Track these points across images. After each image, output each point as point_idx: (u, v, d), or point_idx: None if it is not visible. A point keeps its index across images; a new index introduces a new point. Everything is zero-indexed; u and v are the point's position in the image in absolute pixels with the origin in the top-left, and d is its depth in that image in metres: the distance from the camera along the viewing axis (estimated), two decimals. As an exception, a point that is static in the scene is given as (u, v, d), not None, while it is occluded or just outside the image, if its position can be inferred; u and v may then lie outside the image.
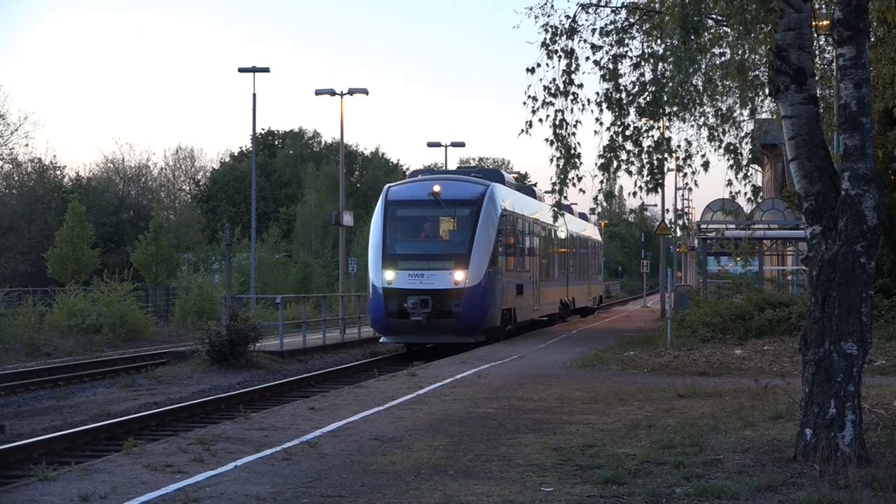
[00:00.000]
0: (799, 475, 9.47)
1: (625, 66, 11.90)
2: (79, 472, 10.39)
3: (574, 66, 11.88)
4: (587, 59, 11.93)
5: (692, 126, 12.14)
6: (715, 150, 12.08)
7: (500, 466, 10.41)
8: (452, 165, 60.08)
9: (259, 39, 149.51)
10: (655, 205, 63.56)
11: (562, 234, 40.94)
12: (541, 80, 11.90)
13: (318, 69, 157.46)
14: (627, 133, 11.95)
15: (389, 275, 28.20)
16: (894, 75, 15.31)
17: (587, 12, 12.09)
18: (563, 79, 11.86)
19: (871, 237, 9.90)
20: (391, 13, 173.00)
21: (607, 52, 11.95)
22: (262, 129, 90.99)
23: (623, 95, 11.81)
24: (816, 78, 11.67)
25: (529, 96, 11.96)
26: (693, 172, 12.25)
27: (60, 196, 61.04)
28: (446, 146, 52.04)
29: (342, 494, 9.22)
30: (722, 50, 11.63)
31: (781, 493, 8.87)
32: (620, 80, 11.85)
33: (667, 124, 12.15)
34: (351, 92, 38.79)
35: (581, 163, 12.17)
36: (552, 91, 11.88)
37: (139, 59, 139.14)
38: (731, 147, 11.97)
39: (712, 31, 11.41)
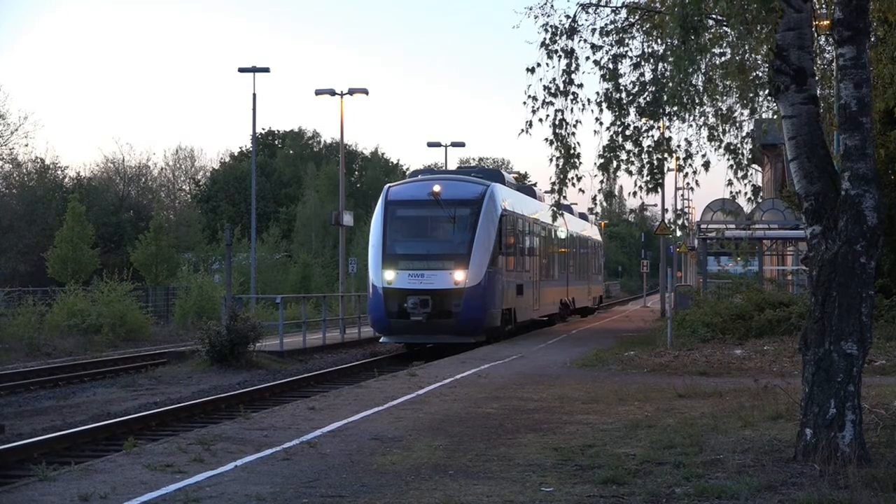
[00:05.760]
0: (799, 475, 9.47)
1: (625, 66, 11.91)
2: (79, 472, 10.39)
3: (574, 65, 11.87)
4: (587, 58, 11.94)
5: (692, 126, 12.15)
6: (715, 150, 12.09)
7: (500, 466, 10.41)
8: (452, 165, 60.07)
9: (259, 38, 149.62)
10: (655, 205, 63.64)
11: (562, 234, 40.94)
12: (541, 79, 11.91)
13: (318, 68, 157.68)
14: (627, 133, 11.95)
15: (389, 275, 28.20)
16: (894, 75, 15.31)
17: (587, 12, 12.09)
18: (563, 79, 11.86)
19: (871, 237, 9.90)
20: (391, 12, 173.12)
21: (607, 52, 11.96)
22: (262, 129, 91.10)
23: (623, 95, 11.80)
24: (816, 78, 11.67)
25: (529, 96, 11.97)
26: (693, 172, 12.25)
27: (60, 196, 61.02)
28: (446, 146, 52.04)
29: (342, 494, 9.22)
30: (722, 50, 11.63)
31: (781, 493, 8.87)
32: (620, 80, 11.84)
33: (667, 124, 12.15)
34: (351, 92, 38.79)
35: (581, 163, 12.19)
36: (552, 91, 11.88)
37: (139, 59, 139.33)
38: (732, 147, 11.98)
39: (712, 31, 11.41)
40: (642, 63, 11.81)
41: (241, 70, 38.36)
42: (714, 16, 11.15)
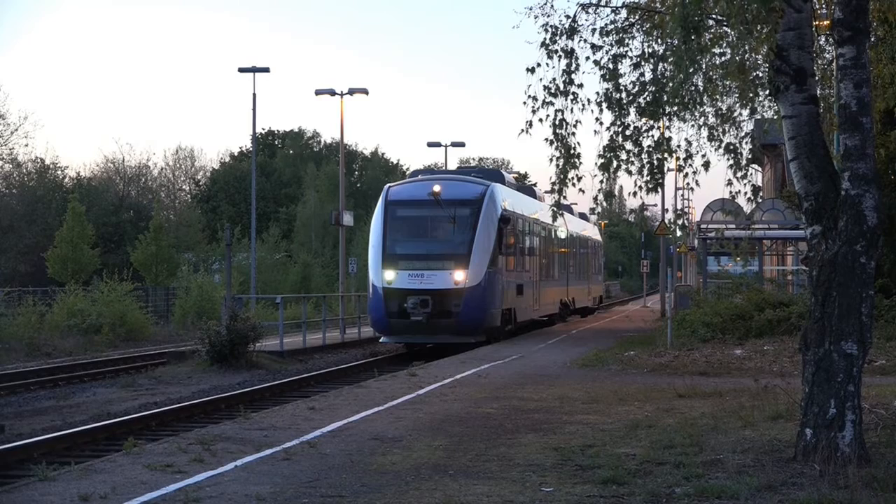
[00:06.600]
0: (799, 475, 9.47)
1: (625, 66, 11.93)
2: (79, 472, 10.39)
3: (574, 65, 11.88)
4: (587, 59, 11.95)
5: (692, 126, 12.17)
6: (715, 150, 12.09)
7: (500, 466, 10.41)
8: (452, 165, 60.08)
9: (259, 38, 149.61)
10: (655, 205, 63.57)
11: (562, 234, 40.94)
12: (541, 79, 11.92)
13: (318, 68, 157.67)
14: (627, 133, 11.96)
15: (389, 275, 28.21)
16: (894, 75, 15.30)
17: (587, 12, 12.10)
18: (563, 79, 11.87)
19: (871, 237, 9.90)
20: (391, 12, 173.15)
21: (607, 52, 11.96)
22: (262, 129, 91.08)
23: (623, 95, 11.82)
24: (816, 78, 11.67)
25: (529, 96, 11.98)
26: (693, 172, 12.26)
27: (60, 196, 61.05)
28: (446, 146, 52.04)
29: (342, 494, 9.22)
30: (722, 50, 11.63)
31: (781, 493, 8.87)
32: (620, 80, 11.85)
33: (667, 124, 12.16)
34: (351, 92, 38.80)
35: (581, 163, 12.20)
36: (552, 91, 11.89)
37: (139, 59, 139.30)
38: (732, 147, 11.98)
39: (713, 31, 11.41)
40: (642, 63, 11.82)
41: (241, 70, 38.32)
42: (714, 16, 11.15)
